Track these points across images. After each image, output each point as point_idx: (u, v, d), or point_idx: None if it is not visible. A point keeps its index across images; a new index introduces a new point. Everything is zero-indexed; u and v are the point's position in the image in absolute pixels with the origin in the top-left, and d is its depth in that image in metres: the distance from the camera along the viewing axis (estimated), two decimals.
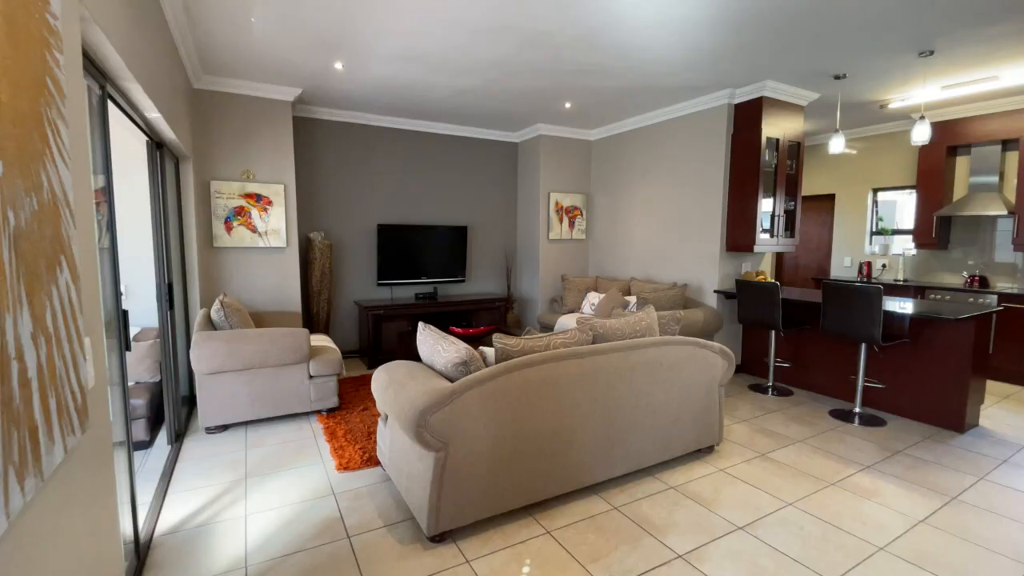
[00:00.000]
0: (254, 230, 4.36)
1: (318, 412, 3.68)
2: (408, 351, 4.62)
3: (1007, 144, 4.89)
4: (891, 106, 4.85)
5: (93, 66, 1.86)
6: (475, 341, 4.35)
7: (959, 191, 5.31)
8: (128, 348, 2.04)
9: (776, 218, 4.58)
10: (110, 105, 2.17)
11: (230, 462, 2.94)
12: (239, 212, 4.30)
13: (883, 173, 5.97)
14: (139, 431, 3.12)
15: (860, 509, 2.49)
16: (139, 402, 3.08)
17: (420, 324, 2.63)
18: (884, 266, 5.98)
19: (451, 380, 2.25)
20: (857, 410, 3.75)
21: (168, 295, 3.15)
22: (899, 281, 5.70)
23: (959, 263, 5.35)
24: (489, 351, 2.47)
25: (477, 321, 5.68)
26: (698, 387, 2.90)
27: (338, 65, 3.79)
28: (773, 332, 4.32)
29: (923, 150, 5.37)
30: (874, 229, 6.20)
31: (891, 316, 3.67)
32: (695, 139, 4.81)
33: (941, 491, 2.68)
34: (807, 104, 4.70)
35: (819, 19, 3.05)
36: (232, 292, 4.34)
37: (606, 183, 6.00)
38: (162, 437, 3.28)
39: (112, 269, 2.00)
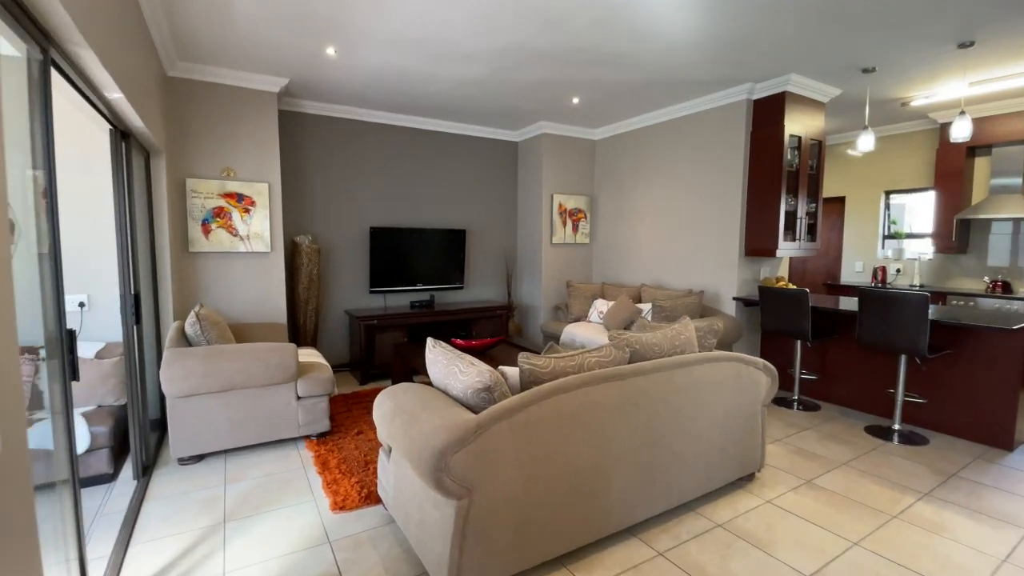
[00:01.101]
0: (235, 233, 3.95)
1: (307, 437, 3.29)
2: (404, 364, 4.24)
3: None
4: (913, 104, 4.63)
5: (32, 22, 1.48)
6: (480, 354, 3.99)
7: (978, 193, 5.12)
8: (75, 377, 1.64)
9: (799, 220, 4.32)
10: (57, 78, 1.78)
11: (206, 501, 2.53)
12: (218, 213, 3.89)
13: (896, 175, 5.77)
14: (101, 463, 2.70)
15: (934, 547, 2.19)
16: (101, 430, 2.67)
17: (429, 341, 2.27)
18: (898, 271, 5.78)
19: (472, 409, 1.89)
20: (896, 427, 3.47)
21: (135, 307, 2.74)
22: (915, 286, 5.49)
23: (979, 268, 5.15)
24: (511, 371, 2.13)
25: (478, 331, 5.32)
26: (741, 408, 2.59)
27: (330, 51, 3.43)
28: (798, 342, 4.04)
29: (941, 151, 5.18)
30: (886, 232, 6.00)
31: (933, 325, 3.41)
32: (711, 137, 4.53)
33: (1012, 521, 2.40)
34: (828, 101, 4.46)
35: (858, 4, 2.78)
36: (210, 302, 3.92)
37: (611, 184, 5.71)
38: (128, 470, 2.85)
39: (54, 280, 1.61)
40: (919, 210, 5.81)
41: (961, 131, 3.71)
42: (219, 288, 3.94)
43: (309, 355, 3.74)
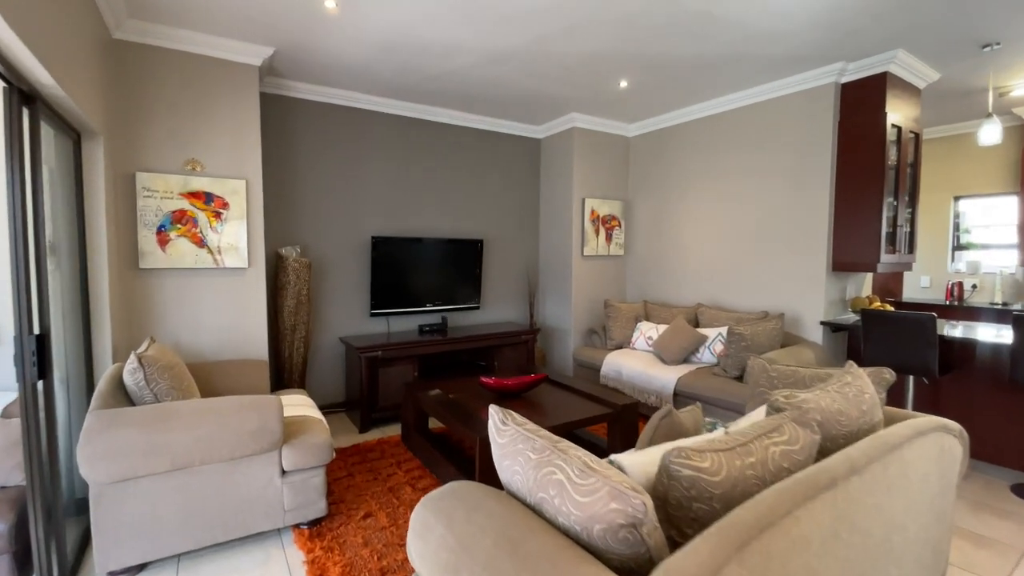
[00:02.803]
0: (201, 243, 3.06)
1: (296, 527, 2.38)
2: (416, 409, 3.35)
3: None
4: (1014, 93, 3.95)
5: None
6: (515, 398, 3.14)
7: None
8: None
9: (899, 228, 3.57)
10: None
11: None
12: (180, 218, 3.00)
13: (967, 179, 5.10)
14: None
15: None
16: None
17: (495, 415, 1.41)
18: (974, 286, 5.08)
19: (600, 555, 1.05)
20: None
21: (38, 352, 1.84)
22: (996, 305, 4.79)
23: None
24: (628, 461, 1.29)
25: (500, 361, 4.45)
26: (938, 495, 1.77)
27: (329, 2, 2.59)
28: (911, 378, 3.27)
29: None
30: (955, 244, 5.31)
31: None
32: (787, 130, 3.78)
33: None
34: (924, 87, 3.75)
35: None
36: (165, 335, 3.01)
37: (649, 187, 4.93)
38: None
39: None
40: (991, 218, 5.14)
41: (991, 136, 3.22)
42: (179, 316, 3.03)
43: (297, 403, 2.85)
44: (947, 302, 5.08)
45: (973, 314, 4.68)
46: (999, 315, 4.52)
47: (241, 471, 2.16)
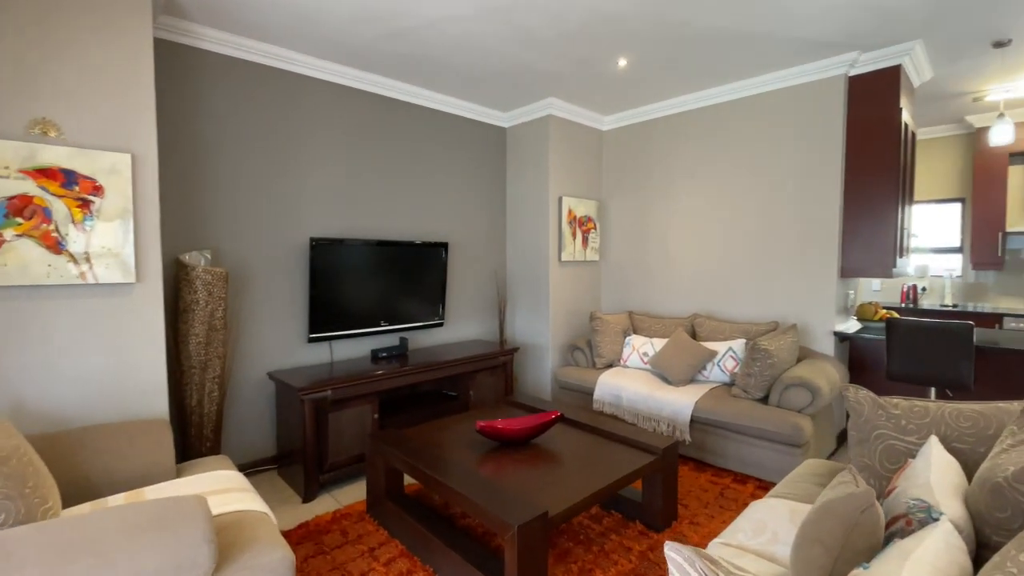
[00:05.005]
0: (58, 248, 2.02)
1: None
2: (388, 468, 2.51)
3: None
4: (988, 98, 4.01)
5: None
6: (523, 445, 2.45)
7: (1015, 204, 4.69)
8: None
9: (903, 231, 3.40)
10: None
11: None
12: (20, 208, 1.94)
13: (918, 184, 5.26)
14: None
15: None
16: None
17: (675, 558, 0.73)
18: (924, 289, 5.25)
19: None
20: None
21: None
22: (947, 306, 4.95)
23: (1018, 285, 4.70)
24: None
25: (476, 390, 3.70)
26: None
27: None
28: (932, 390, 3.06)
29: (980, 157, 4.69)
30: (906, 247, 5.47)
31: None
32: (792, 125, 3.48)
33: None
34: (918, 85, 3.64)
35: None
36: None
37: (626, 186, 4.48)
38: None
39: None
40: (934, 223, 5.35)
41: (1003, 135, 3.26)
42: (20, 360, 1.96)
43: (221, 484, 1.92)
44: (902, 304, 5.19)
45: (928, 316, 4.77)
46: (951, 316, 4.64)
47: None
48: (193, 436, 2.66)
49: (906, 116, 3.28)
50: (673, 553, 0.81)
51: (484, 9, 2.60)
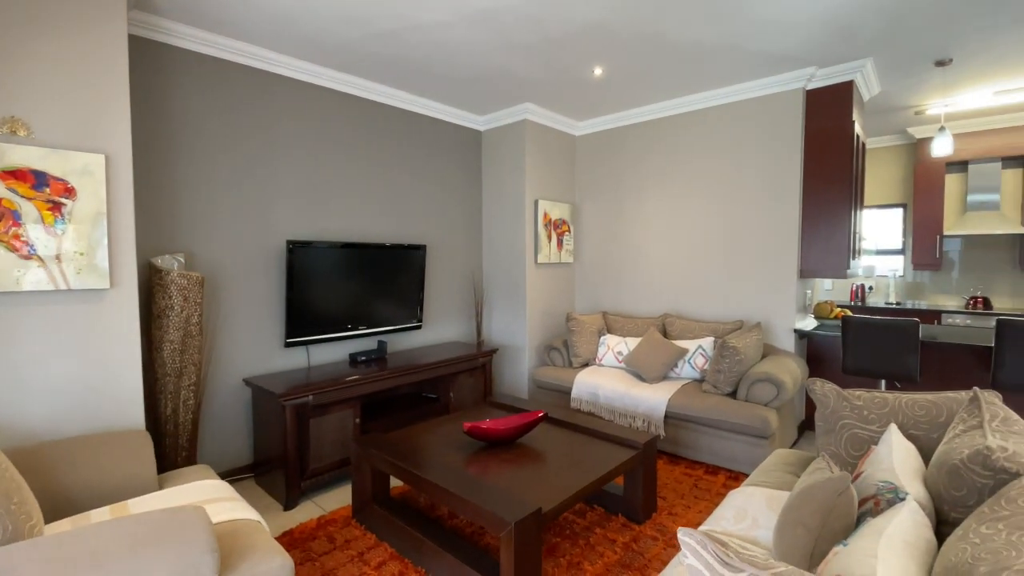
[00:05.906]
0: (26, 252, 1.93)
1: None
2: (374, 471, 2.51)
3: (1006, 161, 4.75)
4: (930, 111, 4.35)
5: None
6: (510, 444, 2.51)
7: (951, 209, 5.10)
8: None
9: (855, 234, 3.65)
10: None
11: None
12: None
13: (866, 191, 5.64)
14: None
15: None
16: None
17: (699, 549, 0.82)
18: (871, 288, 5.62)
19: None
20: None
21: None
22: (891, 304, 5.34)
23: (953, 284, 5.11)
24: None
25: (456, 391, 3.72)
26: None
27: None
28: (883, 383, 3.31)
29: (921, 166, 5.07)
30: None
31: None
32: (755, 134, 3.67)
33: None
34: (868, 99, 3.91)
35: None
36: None
37: (598, 190, 4.60)
38: None
39: None
40: (879, 226, 5.75)
41: (944, 147, 3.55)
42: None
43: (207, 493, 1.88)
44: (852, 303, 5.55)
45: (875, 313, 5.12)
46: (896, 314, 5.00)
47: None
48: (168, 446, 2.58)
49: (858, 128, 3.52)
50: (686, 537, 0.88)
51: (466, 14, 2.64)
